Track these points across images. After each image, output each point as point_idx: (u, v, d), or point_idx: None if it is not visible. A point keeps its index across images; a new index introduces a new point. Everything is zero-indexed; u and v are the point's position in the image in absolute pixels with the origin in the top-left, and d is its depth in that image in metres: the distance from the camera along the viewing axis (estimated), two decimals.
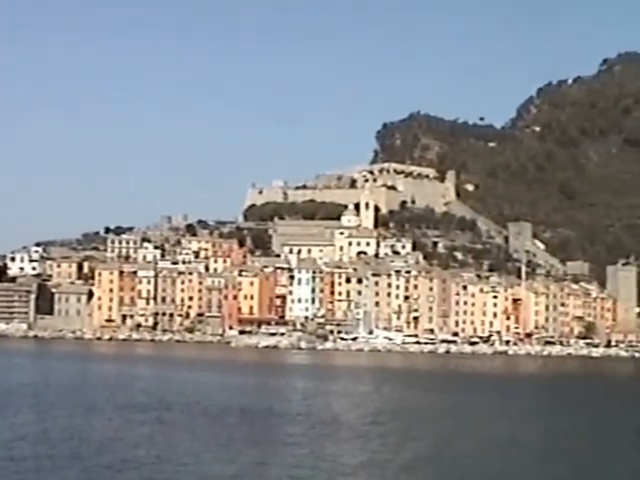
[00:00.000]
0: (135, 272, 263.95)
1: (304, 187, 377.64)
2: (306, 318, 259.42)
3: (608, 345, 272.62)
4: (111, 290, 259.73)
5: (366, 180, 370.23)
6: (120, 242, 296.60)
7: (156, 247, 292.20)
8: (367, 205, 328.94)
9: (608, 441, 48.76)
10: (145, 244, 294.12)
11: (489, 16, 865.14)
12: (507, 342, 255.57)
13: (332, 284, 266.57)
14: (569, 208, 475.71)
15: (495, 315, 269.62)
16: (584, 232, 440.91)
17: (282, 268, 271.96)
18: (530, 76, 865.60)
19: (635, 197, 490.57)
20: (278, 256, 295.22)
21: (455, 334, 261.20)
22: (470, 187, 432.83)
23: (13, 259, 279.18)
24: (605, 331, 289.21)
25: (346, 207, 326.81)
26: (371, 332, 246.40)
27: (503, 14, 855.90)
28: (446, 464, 38.93)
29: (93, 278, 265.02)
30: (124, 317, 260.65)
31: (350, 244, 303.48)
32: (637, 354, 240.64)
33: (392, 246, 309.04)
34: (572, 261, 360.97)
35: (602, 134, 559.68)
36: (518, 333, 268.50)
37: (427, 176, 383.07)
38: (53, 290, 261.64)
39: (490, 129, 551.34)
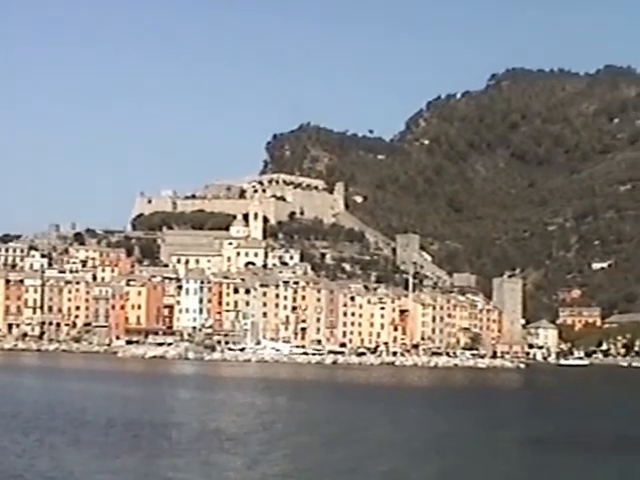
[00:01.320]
0: (22, 281, 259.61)
1: (193, 197, 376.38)
2: (194, 328, 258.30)
3: (494, 356, 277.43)
4: None
5: (255, 191, 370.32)
6: (7, 250, 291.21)
7: (43, 256, 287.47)
8: (256, 216, 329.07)
9: (486, 450, 49.83)
10: (32, 252, 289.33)
11: (380, 29, 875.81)
12: (394, 353, 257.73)
13: (220, 294, 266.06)
14: (457, 221, 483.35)
15: (382, 326, 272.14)
16: (471, 245, 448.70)
17: (170, 278, 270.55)
18: (420, 90, 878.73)
19: (521, 211, 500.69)
20: (166, 266, 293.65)
21: (342, 345, 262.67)
22: (359, 199, 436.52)
23: None
24: (491, 342, 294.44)
25: (235, 217, 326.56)
26: (259, 343, 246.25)
27: (394, 27, 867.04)
28: (327, 470, 39.39)
29: None
30: (10, 326, 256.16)
31: (238, 254, 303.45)
32: (522, 365, 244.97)
33: (280, 257, 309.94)
34: (459, 273, 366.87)
35: (490, 148, 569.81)
36: (405, 344, 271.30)
37: (316, 187, 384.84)
38: None
39: (379, 142, 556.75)
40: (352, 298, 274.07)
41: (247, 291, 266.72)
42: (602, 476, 40.54)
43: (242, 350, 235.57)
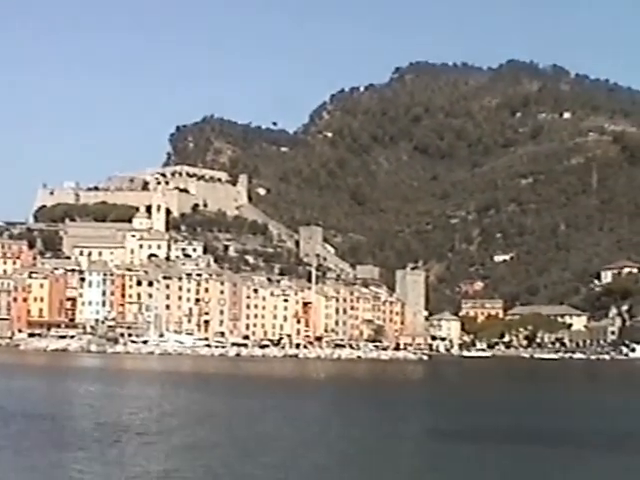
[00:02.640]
0: None
1: (96, 189, 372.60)
2: (97, 321, 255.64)
3: (397, 348, 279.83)
4: None
5: (158, 183, 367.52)
6: None
7: None
8: (159, 208, 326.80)
9: (388, 441, 50.04)
10: None
11: (285, 20, 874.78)
12: (297, 345, 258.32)
13: (123, 287, 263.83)
14: (360, 213, 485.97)
15: (286, 318, 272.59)
16: (374, 237, 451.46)
17: (73, 270, 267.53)
18: (323, 83, 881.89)
19: (424, 204, 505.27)
20: (69, 258, 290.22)
21: (246, 337, 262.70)
22: (262, 191, 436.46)
23: None
24: (394, 334, 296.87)
25: (137, 209, 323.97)
26: (162, 335, 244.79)
27: (298, 19, 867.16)
28: (210, 464, 39.19)
29: None
30: None
31: (141, 247, 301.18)
32: (425, 357, 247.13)
33: (183, 249, 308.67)
34: (362, 265, 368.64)
35: (393, 141, 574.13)
36: (308, 336, 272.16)
37: (219, 180, 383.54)
38: None
39: (283, 134, 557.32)
40: (255, 290, 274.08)
41: (150, 283, 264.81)
42: (497, 465, 41.03)
43: (145, 343, 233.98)
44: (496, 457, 43.48)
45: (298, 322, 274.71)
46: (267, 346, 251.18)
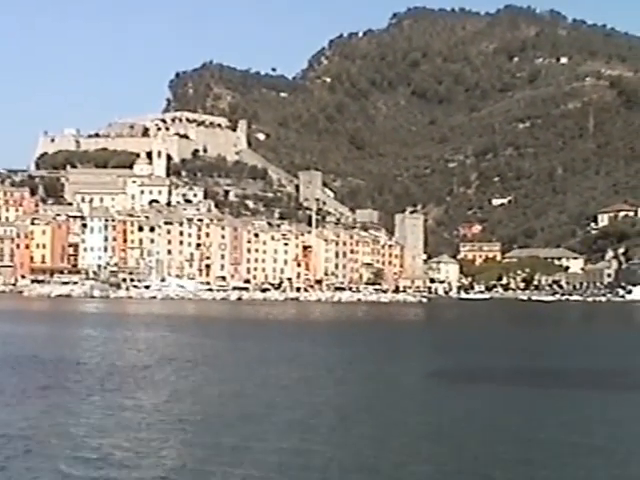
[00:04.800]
0: None
1: (97, 135, 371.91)
2: (99, 266, 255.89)
3: (396, 291, 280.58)
4: None
5: (159, 129, 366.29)
6: None
7: None
8: (159, 154, 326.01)
9: (390, 382, 50.03)
10: None
11: None
12: (298, 289, 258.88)
13: (124, 232, 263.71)
14: (358, 158, 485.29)
15: (286, 262, 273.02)
16: (373, 181, 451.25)
17: (74, 217, 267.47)
18: (322, 28, 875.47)
19: (422, 148, 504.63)
20: (70, 204, 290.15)
21: (247, 281, 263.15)
22: (261, 136, 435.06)
23: None
24: (393, 277, 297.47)
25: (138, 156, 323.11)
26: (163, 280, 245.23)
27: None
28: (232, 405, 39.11)
29: None
30: None
31: (142, 192, 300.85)
32: (424, 299, 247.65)
33: (184, 194, 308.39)
34: (361, 209, 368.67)
35: (391, 86, 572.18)
36: (309, 280, 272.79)
37: (219, 125, 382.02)
38: None
39: (282, 80, 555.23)
40: (256, 235, 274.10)
41: (151, 229, 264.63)
42: (495, 404, 41.02)
43: (147, 287, 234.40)
44: (494, 396, 43.49)
45: (298, 266, 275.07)
46: (268, 290, 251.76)
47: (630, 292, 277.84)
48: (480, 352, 73.56)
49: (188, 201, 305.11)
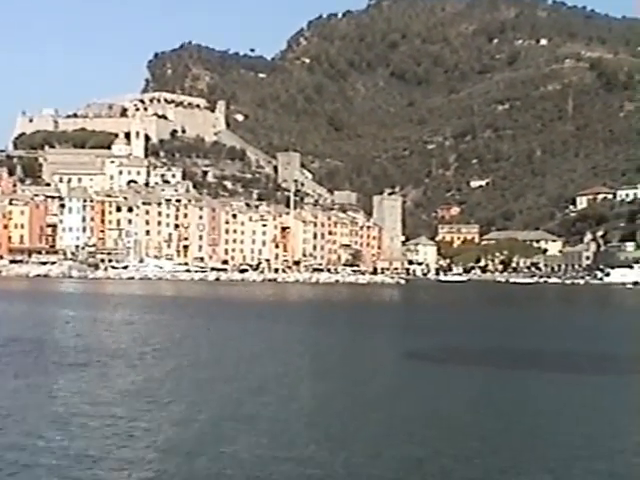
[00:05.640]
0: None
1: (75, 116, 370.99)
2: (77, 247, 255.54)
3: (374, 272, 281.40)
4: None
5: (137, 109, 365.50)
6: None
7: None
8: (138, 134, 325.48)
9: (365, 362, 50.43)
10: None
11: None
12: (276, 270, 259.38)
13: (103, 213, 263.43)
14: (337, 139, 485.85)
15: (264, 243, 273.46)
16: (351, 163, 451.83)
17: (53, 197, 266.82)
18: (301, 9, 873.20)
19: (400, 129, 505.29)
20: (48, 185, 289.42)
21: (225, 262, 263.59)
22: (240, 117, 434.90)
23: None
24: (371, 258, 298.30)
25: (117, 136, 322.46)
26: (142, 261, 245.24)
27: None
28: (219, 382, 39.35)
29: None
30: None
31: (121, 173, 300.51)
32: (402, 281, 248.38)
33: (162, 175, 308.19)
34: (339, 191, 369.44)
35: (370, 67, 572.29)
36: (287, 261, 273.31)
37: (198, 106, 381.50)
38: None
39: (260, 60, 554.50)
40: (234, 216, 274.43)
41: (129, 209, 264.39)
42: (469, 384, 41.43)
43: (125, 268, 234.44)
44: (469, 376, 43.88)
45: (276, 247, 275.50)
46: (246, 270, 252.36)
47: (608, 275, 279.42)
48: (457, 333, 74.01)
49: (166, 182, 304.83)
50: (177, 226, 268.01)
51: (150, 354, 50.35)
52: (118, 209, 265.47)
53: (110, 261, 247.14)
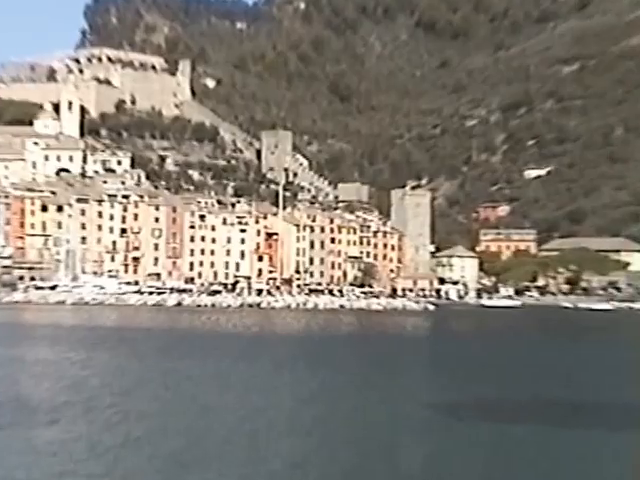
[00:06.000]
0: None
1: None
2: None
3: (393, 294, 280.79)
4: None
5: (70, 71, 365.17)
6: None
7: None
8: (70, 105, 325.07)
9: (383, 420, 50.64)
10: None
11: None
12: (259, 291, 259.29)
13: (22, 213, 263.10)
14: (343, 113, 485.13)
15: (243, 255, 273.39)
16: (362, 145, 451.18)
17: None
18: None
19: (429, 100, 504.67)
20: None
21: (190, 281, 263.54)
22: (211, 83, 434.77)
23: None
24: (389, 276, 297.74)
25: (41, 107, 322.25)
26: (76, 278, 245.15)
27: None
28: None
29: None
30: None
31: (47, 158, 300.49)
32: (430, 306, 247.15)
33: (104, 162, 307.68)
34: (346, 183, 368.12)
35: (387, 15, 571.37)
36: (274, 279, 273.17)
37: (153, 67, 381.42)
38: None
39: (238, 5, 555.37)
40: (202, 217, 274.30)
41: (59, 208, 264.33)
42: (511, 450, 41.64)
43: (53, 288, 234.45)
44: (516, 446, 44.05)
45: (260, 260, 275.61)
46: (218, 292, 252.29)
47: None
48: (501, 379, 74.22)
49: (110, 171, 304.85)
50: (124, 231, 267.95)
51: (78, 406, 50.54)
52: (44, 208, 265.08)
53: (33, 279, 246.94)
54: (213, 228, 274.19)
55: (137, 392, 58.65)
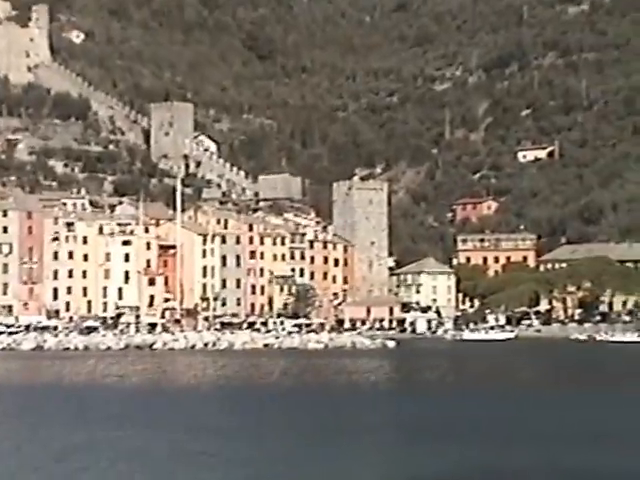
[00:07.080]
0: None
1: None
2: None
3: (338, 327, 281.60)
4: None
5: None
6: None
7: None
8: None
9: None
10: None
11: None
12: (152, 327, 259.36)
13: None
14: (263, 77, 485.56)
15: (127, 277, 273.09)
16: (291, 121, 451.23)
17: None
18: None
19: (384, 56, 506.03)
20: None
21: (54, 314, 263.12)
22: (77, 37, 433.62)
23: None
24: (332, 302, 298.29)
25: None
26: None
27: None
28: None
29: None
30: None
31: None
32: (390, 343, 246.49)
33: None
34: (269, 174, 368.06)
35: None
36: (172, 309, 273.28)
37: None
38: None
39: None
40: (69, 225, 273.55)
41: None
42: None
43: None
44: None
45: (151, 283, 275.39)
46: (94, 329, 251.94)
47: None
48: (485, 443, 74.27)
49: None
50: None
51: None
52: None
53: None
54: (85, 240, 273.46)
55: None
